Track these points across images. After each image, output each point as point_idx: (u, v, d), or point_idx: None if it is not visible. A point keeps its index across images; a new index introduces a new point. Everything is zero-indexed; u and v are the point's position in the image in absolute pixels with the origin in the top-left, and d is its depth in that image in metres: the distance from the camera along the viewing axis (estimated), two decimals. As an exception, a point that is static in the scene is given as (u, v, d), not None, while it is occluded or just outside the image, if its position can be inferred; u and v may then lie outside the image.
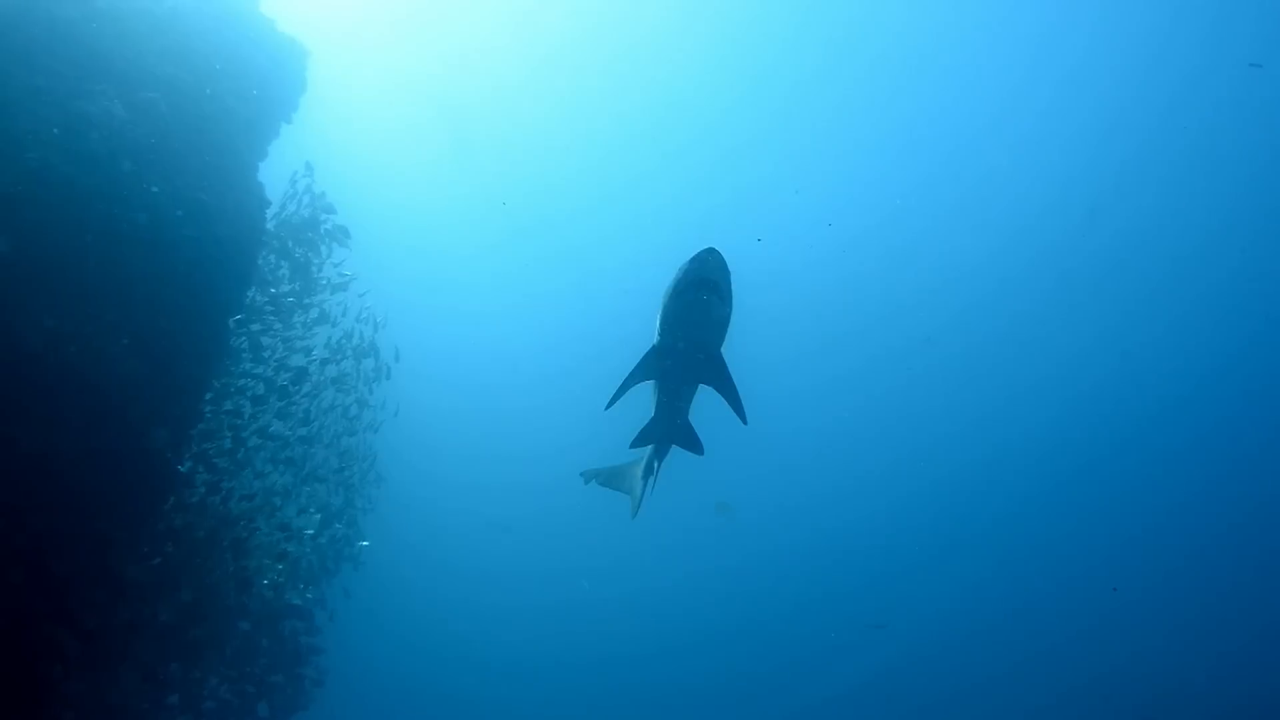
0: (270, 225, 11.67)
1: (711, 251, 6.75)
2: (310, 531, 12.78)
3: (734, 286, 7.02)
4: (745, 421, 8.03)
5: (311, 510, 12.81)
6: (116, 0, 11.27)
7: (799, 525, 44.65)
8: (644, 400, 8.84)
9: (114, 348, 10.36)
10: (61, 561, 9.77)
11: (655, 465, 9.21)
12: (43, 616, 9.52)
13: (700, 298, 6.82)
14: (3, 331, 9.08)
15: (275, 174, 12.69)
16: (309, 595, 12.38)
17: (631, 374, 7.89)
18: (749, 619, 44.00)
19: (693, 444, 8.86)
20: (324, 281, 12.39)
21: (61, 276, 9.86)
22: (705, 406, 8.78)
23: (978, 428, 42.54)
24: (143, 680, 10.30)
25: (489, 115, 37.50)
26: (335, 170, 13.48)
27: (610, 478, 10.02)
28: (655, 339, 7.60)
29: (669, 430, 8.69)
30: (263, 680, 11.58)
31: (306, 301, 12.27)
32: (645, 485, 9.40)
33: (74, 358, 9.74)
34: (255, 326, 11.75)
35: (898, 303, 40.35)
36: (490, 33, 34.29)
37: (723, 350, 7.62)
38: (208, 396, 11.54)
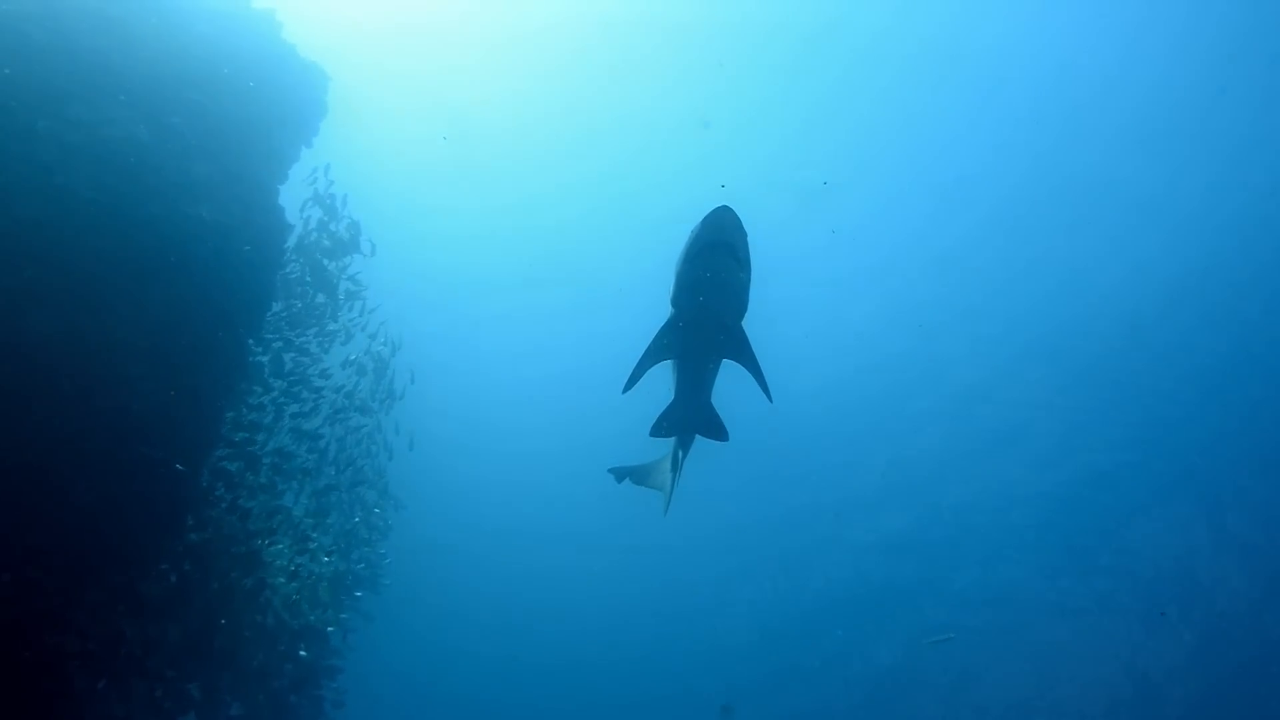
0: (295, 239, 11.81)
1: (725, 209, 6.00)
2: (328, 555, 12.60)
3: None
4: (770, 399, 7.45)
5: (326, 530, 12.66)
6: (143, 27, 11.61)
7: (810, 526, 43.46)
8: (664, 391, 8.57)
9: (135, 368, 10.42)
10: (78, 576, 9.68)
11: (679, 457, 8.60)
12: (55, 630, 9.40)
13: (715, 262, 6.17)
14: (24, 350, 9.16)
15: (296, 197, 12.90)
16: (328, 615, 12.14)
17: (647, 352, 7.31)
18: (760, 621, 42.57)
19: (716, 430, 8.14)
20: (341, 295, 12.45)
21: (83, 297, 9.97)
22: (726, 396, 8.50)
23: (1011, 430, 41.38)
24: (158, 697, 10.08)
25: (498, 123, 38.08)
26: (356, 190, 13.63)
27: (641, 475, 9.76)
28: (670, 310, 6.98)
29: (690, 414, 8.05)
30: (280, 701, 11.28)
31: (327, 318, 12.33)
32: (673, 480, 8.84)
33: (94, 378, 9.79)
34: (276, 344, 11.79)
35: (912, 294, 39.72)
36: (499, 43, 34.96)
37: (744, 321, 7.00)
38: (228, 415, 11.55)
